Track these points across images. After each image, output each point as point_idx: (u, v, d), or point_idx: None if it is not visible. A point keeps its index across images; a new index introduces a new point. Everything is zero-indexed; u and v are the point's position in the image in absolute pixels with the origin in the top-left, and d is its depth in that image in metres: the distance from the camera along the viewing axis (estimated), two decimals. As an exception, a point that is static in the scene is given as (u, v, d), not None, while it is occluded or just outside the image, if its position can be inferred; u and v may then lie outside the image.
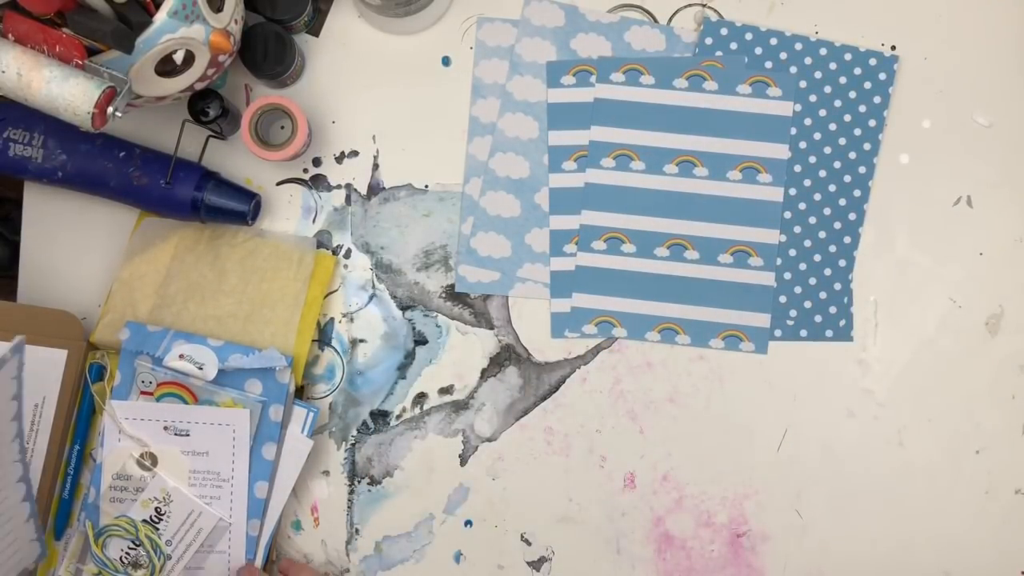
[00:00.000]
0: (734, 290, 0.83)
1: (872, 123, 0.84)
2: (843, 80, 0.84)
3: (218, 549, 0.78)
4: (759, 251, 0.83)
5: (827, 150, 0.84)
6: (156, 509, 0.78)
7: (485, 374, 0.84)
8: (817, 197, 0.84)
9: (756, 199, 0.83)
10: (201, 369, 0.77)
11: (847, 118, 0.84)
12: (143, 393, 0.78)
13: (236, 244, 0.82)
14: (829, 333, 0.83)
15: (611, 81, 0.84)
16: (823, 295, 0.84)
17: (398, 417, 0.84)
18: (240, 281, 0.82)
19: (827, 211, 0.84)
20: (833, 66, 0.84)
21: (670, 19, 0.85)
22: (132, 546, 0.77)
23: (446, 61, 0.85)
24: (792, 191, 0.84)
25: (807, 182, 0.84)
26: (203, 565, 0.79)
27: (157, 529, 0.77)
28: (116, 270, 0.82)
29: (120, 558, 0.77)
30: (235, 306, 0.81)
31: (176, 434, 0.78)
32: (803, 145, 0.84)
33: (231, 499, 0.78)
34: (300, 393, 0.83)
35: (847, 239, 0.84)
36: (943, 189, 0.85)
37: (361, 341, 0.84)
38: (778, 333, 0.83)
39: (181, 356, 0.78)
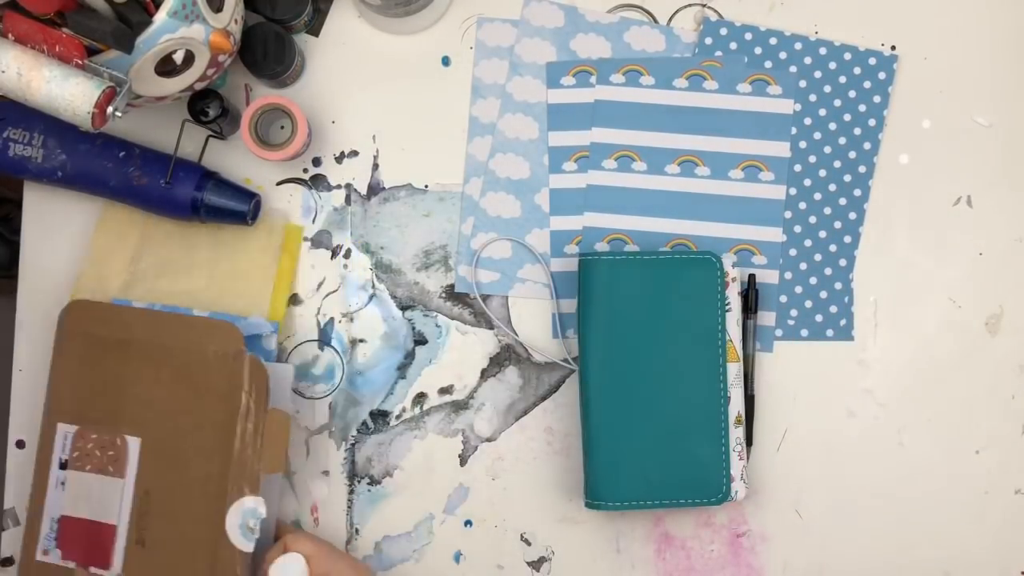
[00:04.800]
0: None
1: (872, 122, 0.84)
2: (843, 79, 0.84)
3: None
4: (762, 249, 0.83)
5: (827, 149, 0.84)
6: None
7: (485, 374, 0.84)
8: (817, 196, 0.84)
9: (758, 197, 0.83)
10: None
11: (847, 117, 0.84)
12: None
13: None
14: (830, 332, 0.83)
15: (611, 82, 0.84)
16: (824, 294, 0.84)
17: (398, 417, 0.84)
18: (211, 255, 0.82)
19: (827, 210, 0.84)
20: (833, 65, 0.84)
21: (670, 19, 0.85)
22: None
23: (446, 61, 0.85)
24: (792, 190, 0.84)
25: (807, 181, 0.84)
26: None
27: None
28: (86, 248, 0.82)
29: None
30: (207, 280, 0.82)
31: None
32: (803, 144, 0.84)
33: None
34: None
35: (847, 238, 0.84)
36: (943, 189, 0.85)
37: (361, 341, 0.84)
38: (779, 333, 0.83)
39: None
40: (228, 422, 0.75)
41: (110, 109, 0.68)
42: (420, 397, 0.84)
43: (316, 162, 0.85)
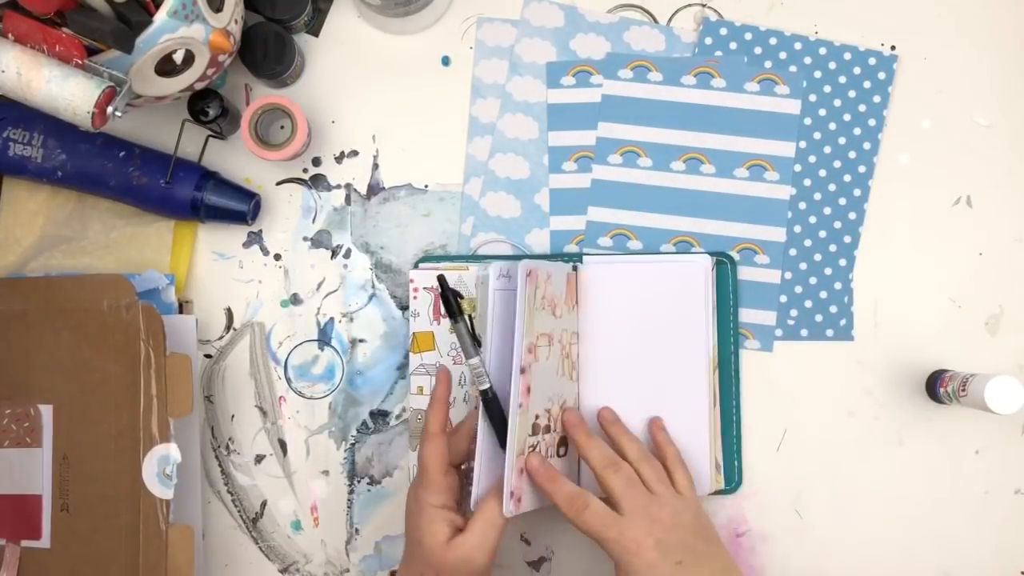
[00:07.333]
0: (740, 287, 0.83)
1: (872, 122, 0.84)
2: (843, 79, 0.84)
3: None
4: (765, 249, 0.83)
5: (827, 149, 0.84)
6: None
7: (485, 374, 0.84)
8: (817, 196, 0.84)
9: (763, 197, 0.84)
10: None
11: (847, 117, 0.84)
12: None
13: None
14: (830, 332, 0.83)
15: (619, 77, 0.84)
16: (823, 294, 0.84)
17: (398, 417, 0.84)
18: (103, 227, 0.83)
19: (827, 210, 0.84)
20: (832, 65, 0.84)
21: (670, 19, 0.85)
22: None
23: (446, 61, 0.85)
24: (792, 190, 0.84)
25: (807, 181, 0.84)
26: None
27: None
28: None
29: None
30: (102, 251, 0.82)
31: None
32: (803, 144, 0.84)
33: None
34: (180, 310, 0.83)
35: (847, 238, 0.84)
36: (943, 189, 0.85)
37: (361, 341, 0.84)
38: (779, 333, 0.83)
39: None
40: (131, 373, 0.75)
41: (110, 109, 0.68)
42: (420, 397, 0.84)
43: (316, 162, 0.85)
